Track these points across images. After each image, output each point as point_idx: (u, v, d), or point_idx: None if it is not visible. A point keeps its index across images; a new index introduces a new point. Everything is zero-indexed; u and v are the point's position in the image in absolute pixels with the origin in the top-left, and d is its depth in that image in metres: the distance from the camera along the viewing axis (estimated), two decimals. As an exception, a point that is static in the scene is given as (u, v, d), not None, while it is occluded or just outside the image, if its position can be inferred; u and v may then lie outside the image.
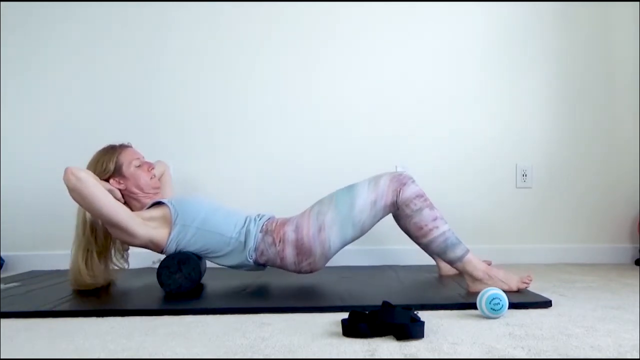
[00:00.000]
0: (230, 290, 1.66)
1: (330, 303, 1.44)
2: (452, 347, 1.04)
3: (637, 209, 2.38)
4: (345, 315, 1.20)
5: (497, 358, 0.97)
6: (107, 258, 1.79)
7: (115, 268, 1.84)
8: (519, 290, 1.52)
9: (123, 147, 1.78)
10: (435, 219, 1.57)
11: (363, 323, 1.11)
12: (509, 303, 1.28)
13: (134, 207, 1.75)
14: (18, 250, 2.40)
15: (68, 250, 1.73)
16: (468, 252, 1.56)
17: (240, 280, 1.83)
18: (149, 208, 1.70)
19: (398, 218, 1.63)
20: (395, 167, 2.36)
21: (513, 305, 1.33)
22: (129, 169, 1.73)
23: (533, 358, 0.96)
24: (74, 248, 1.73)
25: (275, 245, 1.63)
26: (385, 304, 1.21)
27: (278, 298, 1.54)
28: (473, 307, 1.33)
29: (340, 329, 1.15)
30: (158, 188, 1.82)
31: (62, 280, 1.94)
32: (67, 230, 2.39)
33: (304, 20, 2.41)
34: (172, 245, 1.65)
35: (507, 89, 2.41)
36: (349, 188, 1.65)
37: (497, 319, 1.26)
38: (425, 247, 1.61)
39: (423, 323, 1.12)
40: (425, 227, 1.56)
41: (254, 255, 1.65)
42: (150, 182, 1.77)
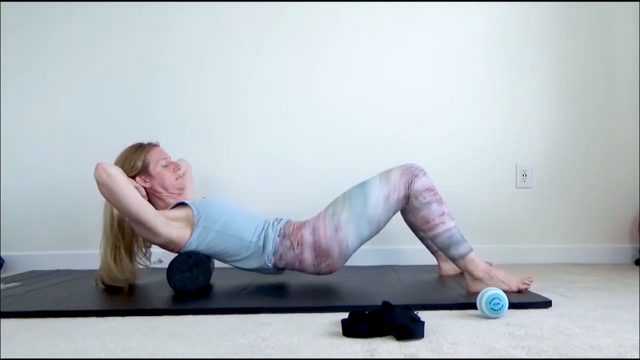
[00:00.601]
0: (230, 290, 1.66)
1: (330, 303, 1.44)
2: (452, 347, 1.04)
3: (637, 209, 2.38)
4: (345, 315, 1.20)
5: (497, 358, 0.97)
6: (132, 254, 1.80)
7: (140, 267, 1.84)
8: (520, 291, 1.52)
9: (151, 145, 1.80)
10: (443, 214, 1.57)
11: (363, 323, 1.11)
12: (509, 303, 1.28)
13: (158, 206, 1.76)
14: (18, 250, 2.40)
15: (68, 251, 1.74)
16: (471, 251, 1.57)
17: (240, 280, 1.83)
18: (173, 208, 1.71)
19: (405, 210, 1.64)
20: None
21: (513, 305, 1.33)
22: (156, 168, 1.75)
23: (533, 358, 0.96)
24: (102, 245, 1.75)
25: (294, 249, 1.64)
26: (385, 304, 1.21)
27: (278, 298, 1.55)
28: (473, 307, 1.33)
29: (340, 329, 1.15)
30: (182, 189, 1.84)
31: (62, 280, 1.94)
32: (67, 230, 2.41)
33: (304, 20, 2.41)
34: (191, 247, 1.66)
35: (507, 89, 2.41)
36: (361, 185, 1.67)
37: (497, 319, 1.26)
38: (429, 239, 1.62)
39: (423, 323, 1.13)
40: (432, 221, 1.57)
41: (273, 259, 1.66)
42: (175, 182, 1.79)
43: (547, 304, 1.40)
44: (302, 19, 2.41)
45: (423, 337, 1.10)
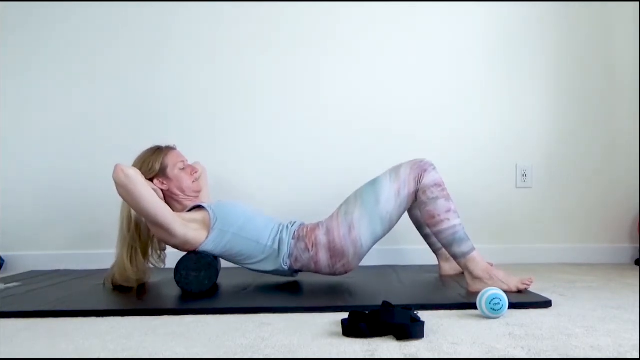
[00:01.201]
0: (230, 290, 1.67)
1: (330, 303, 1.44)
2: (452, 347, 1.04)
3: (637, 209, 2.38)
4: (345, 315, 1.20)
5: (497, 358, 0.97)
6: (147, 255, 1.81)
7: (151, 267, 1.84)
8: (519, 291, 1.52)
9: (169, 149, 1.81)
10: (449, 211, 1.58)
11: (363, 323, 1.11)
12: (509, 303, 1.28)
13: (175, 208, 1.76)
14: (18, 250, 2.40)
15: (68, 251, 1.73)
16: (474, 250, 1.57)
17: (241, 280, 1.83)
18: (190, 211, 1.72)
19: (412, 205, 1.64)
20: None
21: (513, 305, 1.33)
22: (174, 171, 1.76)
23: (533, 358, 0.96)
24: (119, 245, 1.76)
25: (309, 251, 1.66)
26: (385, 304, 1.21)
27: (278, 298, 1.55)
28: (473, 307, 1.33)
29: (340, 329, 1.15)
30: (198, 192, 1.85)
31: (62, 280, 1.94)
32: (67, 231, 2.41)
33: (304, 20, 2.41)
34: (207, 248, 1.67)
35: (507, 89, 2.41)
36: (372, 183, 1.68)
37: (497, 319, 1.26)
38: (433, 235, 1.64)
39: (423, 323, 1.13)
40: (438, 217, 1.58)
41: (289, 262, 1.68)
42: (192, 185, 1.80)
43: (547, 304, 1.39)
44: (302, 19, 2.41)
45: (423, 337, 1.10)
